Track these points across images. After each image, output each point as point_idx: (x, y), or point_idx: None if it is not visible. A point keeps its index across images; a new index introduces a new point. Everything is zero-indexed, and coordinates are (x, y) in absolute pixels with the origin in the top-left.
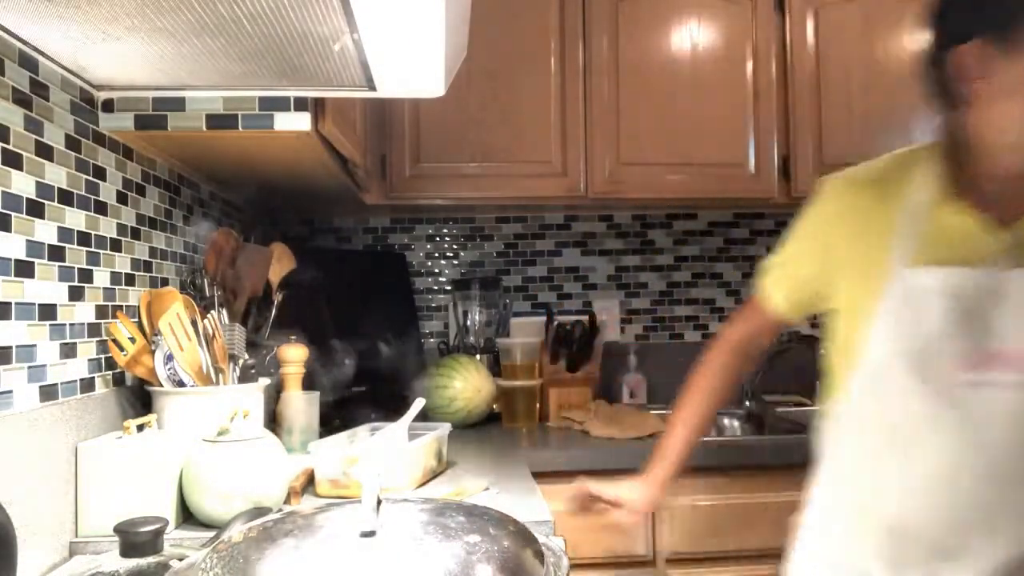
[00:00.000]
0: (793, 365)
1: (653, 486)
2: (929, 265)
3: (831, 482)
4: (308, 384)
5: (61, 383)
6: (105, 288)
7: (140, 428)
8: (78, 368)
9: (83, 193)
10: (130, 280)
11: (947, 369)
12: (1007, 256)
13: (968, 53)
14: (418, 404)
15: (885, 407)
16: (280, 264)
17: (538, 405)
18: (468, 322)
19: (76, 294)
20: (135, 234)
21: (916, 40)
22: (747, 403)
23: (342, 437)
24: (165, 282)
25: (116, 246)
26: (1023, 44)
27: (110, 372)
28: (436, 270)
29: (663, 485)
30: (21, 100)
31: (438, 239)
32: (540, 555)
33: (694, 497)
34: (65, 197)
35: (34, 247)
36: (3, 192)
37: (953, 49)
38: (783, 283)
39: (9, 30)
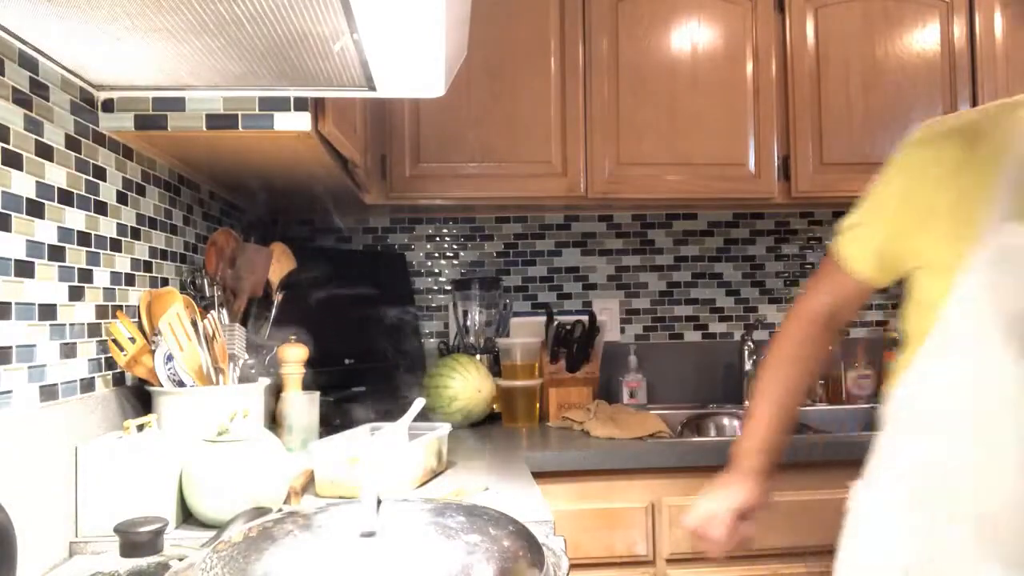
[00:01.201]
0: None
1: (753, 480)
2: None
3: (897, 472)
4: (308, 384)
5: (61, 383)
6: (105, 288)
7: (140, 428)
8: (78, 368)
9: (83, 193)
10: (130, 280)
11: None
12: None
13: None
14: (418, 404)
15: (973, 385)
16: (280, 264)
17: (538, 405)
18: (468, 322)
19: (76, 294)
20: (135, 234)
21: (916, 40)
22: (747, 403)
23: (342, 437)
24: (165, 282)
25: (116, 246)
26: None
27: (110, 372)
28: (436, 270)
29: (763, 475)
30: (21, 100)
31: (438, 239)
32: (540, 555)
33: (694, 497)
34: (65, 197)
35: (34, 247)
36: (3, 192)
37: None
38: (866, 242)
39: (9, 30)
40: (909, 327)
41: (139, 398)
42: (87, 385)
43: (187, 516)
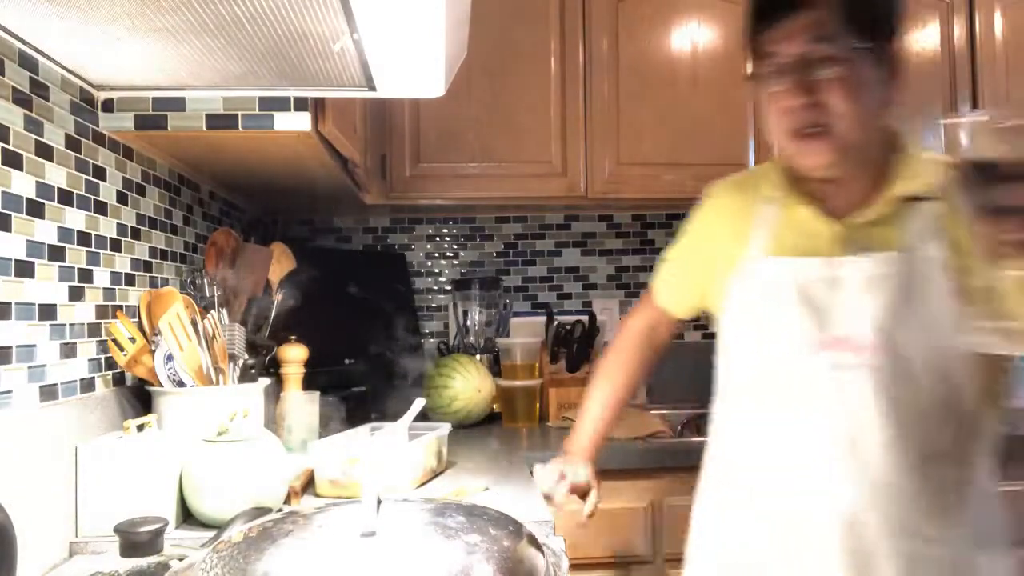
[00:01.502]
0: None
1: (590, 460)
2: (779, 255)
3: (716, 478)
4: (308, 384)
5: (61, 383)
6: (105, 288)
7: (140, 428)
8: (78, 368)
9: (83, 193)
10: (130, 280)
11: (799, 352)
12: (841, 246)
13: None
14: (418, 404)
15: (750, 394)
16: (280, 264)
17: (538, 405)
18: (468, 322)
19: (76, 294)
20: (135, 234)
21: (916, 40)
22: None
23: (342, 437)
24: (165, 282)
25: (116, 246)
26: (761, 80)
27: (110, 372)
28: (436, 270)
29: (593, 462)
30: (21, 100)
31: (438, 239)
32: (540, 555)
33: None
34: (65, 197)
35: (34, 247)
36: (3, 192)
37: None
38: (669, 280)
39: (9, 30)
40: (719, 360)
41: (139, 398)
42: (87, 385)
43: (187, 516)
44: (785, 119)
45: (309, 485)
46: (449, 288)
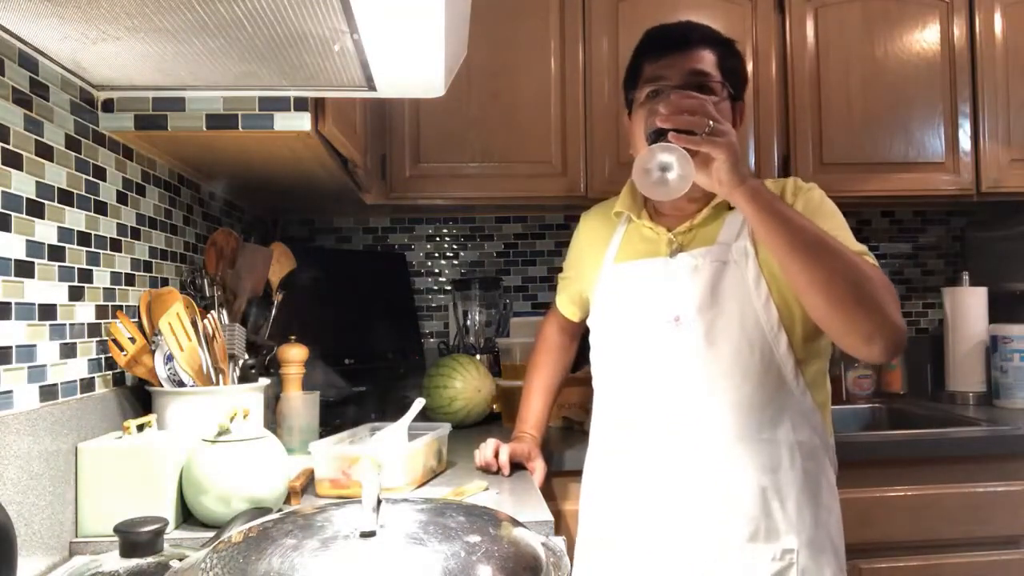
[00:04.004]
0: None
1: (536, 443)
2: (627, 260)
3: (596, 449)
4: (308, 384)
5: (61, 383)
6: (105, 288)
7: (140, 428)
8: (78, 368)
9: (83, 193)
10: (130, 280)
11: (646, 330)
12: (671, 248)
13: (624, 119)
14: (418, 404)
15: (615, 372)
16: (280, 264)
17: None
18: (468, 322)
19: (76, 294)
20: (135, 234)
21: (916, 40)
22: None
23: (342, 437)
24: (165, 282)
25: (116, 246)
26: (634, 113)
27: (110, 372)
28: (436, 270)
29: (536, 444)
30: (21, 100)
31: (438, 239)
32: (540, 555)
33: None
34: (65, 197)
35: (34, 247)
36: (3, 192)
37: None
38: (561, 291)
39: (9, 30)
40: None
41: (139, 398)
42: (87, 385)
43: (187, 516)
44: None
45: (309, 485)
46: (449, 288)
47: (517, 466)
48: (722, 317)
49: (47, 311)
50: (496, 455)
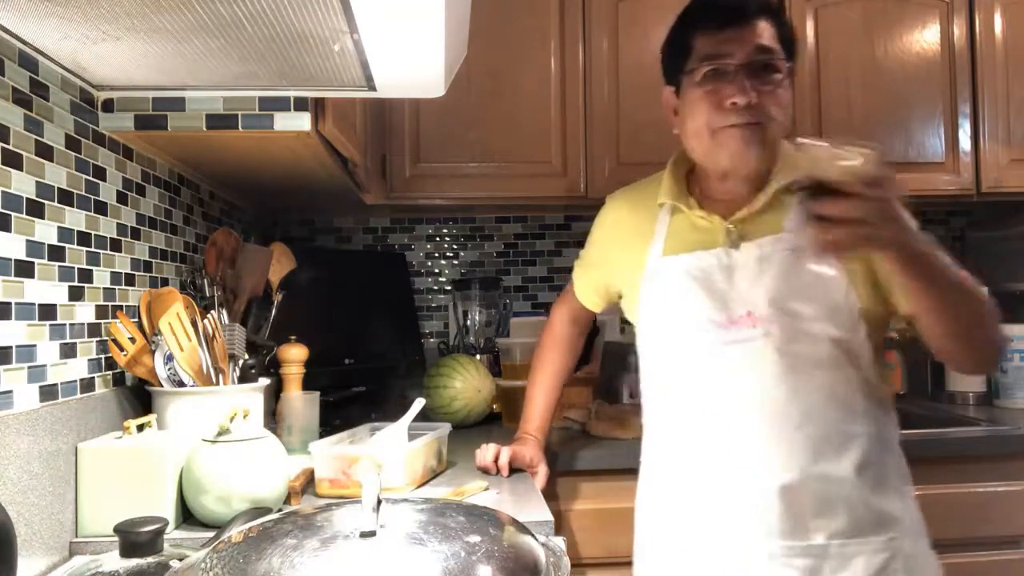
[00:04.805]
0: None
1: (539, 446)
2: (677, 253)
3: (655, 472)
4: (308, 384)
5: (61, 383)
6: (105, 288)
7: (140, 428)
8: (78, 368)
9: (83, 193)
10: (130, 280)
11: (706, 333)
12: (729, 238)
13: (667, 95)
14: (418, 404)
15: (668, 378)
16: (280, 264)
17: None
18: (468, 322)
19: (76, 294)
20: (135, 234)
21: (916, 40)
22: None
23: (342, 437)
24: (165, 282)
25: (116, 246)
26: (686, 91)
27: (110, 372)
28: (436, 270)
29: (540, 444)
30: (21, 100)
31: (438, 239)
32: (540, 555)
33: None
34: (65, 197)
35: (34, 247)
36: (3, 192)
37: (664, 88)
38: (582, 279)
39: (9, 30)
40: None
41: (139, 398)
42: (87, 385)
43: (187, 516)
44: (723, 114)
45: (309, 485)
46: (449, 288)
47: (518, 468)
48: (802, 311)
49: (47, 311)
50: (496, 459)
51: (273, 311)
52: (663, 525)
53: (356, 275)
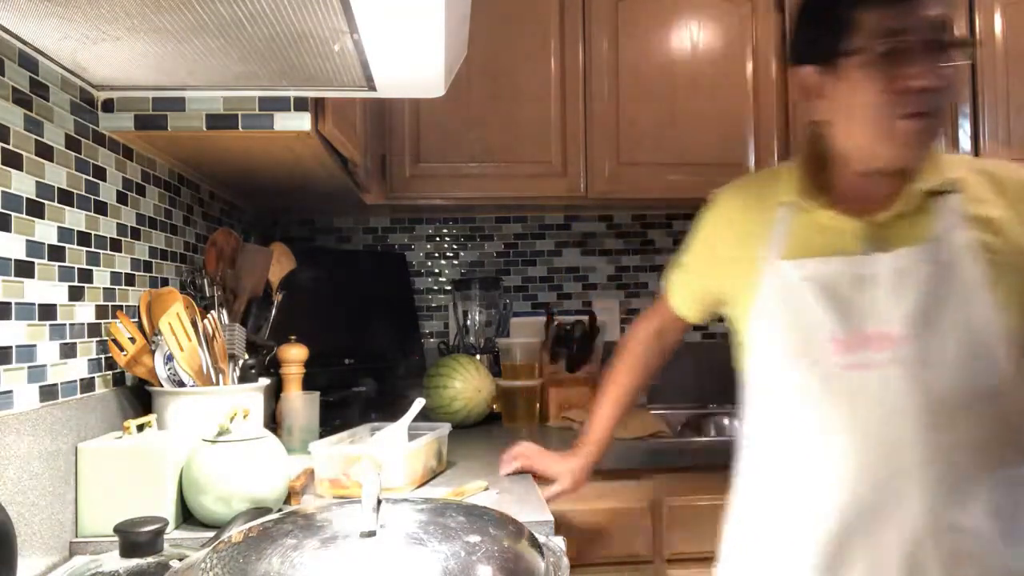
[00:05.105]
0: None
1: (585, 464)
2: (799, 257)
3: (748, 487)
4: (308, 384)
5: (61, 383)
6: (105, 288)
7: (140, 428)
8: (78, 368)
9: (83, 193)
10: (130, 280)
11: (826, 353)
12: (864, 244)
13: (808, 75)
14: (418, 404)
15: (777, 398)
16: (280, 264)
17: (538, 405)
18: (468, 322)
19: (76, 294)
20: (135, 234)
21: None
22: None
23: (342, 437)
24: (165, 282)
25: (116, 246)
26: (848, 72)
27: (110, 372)
28: (436, 270)
29: (592, 463)
30: (21, 100)
31: (438, 239)
32: (540, 555)
33: (694, 497)
34: (65, 197)
35: (34, 247)
36: (3, 192)
37: (795, 68)
38: (681, 286)
39: (9, 30)
40: (739, 367)
41: (139, 398)
42: (87, 385)
43: (187, 516)
44: (900, 101)
45: (309, 485)
46: (449, 288)
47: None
48: (942, 335)
49: (47, 311)
50: (515, 457)
51: (273, 311)
52: (759, 559)
53: (356, 275)
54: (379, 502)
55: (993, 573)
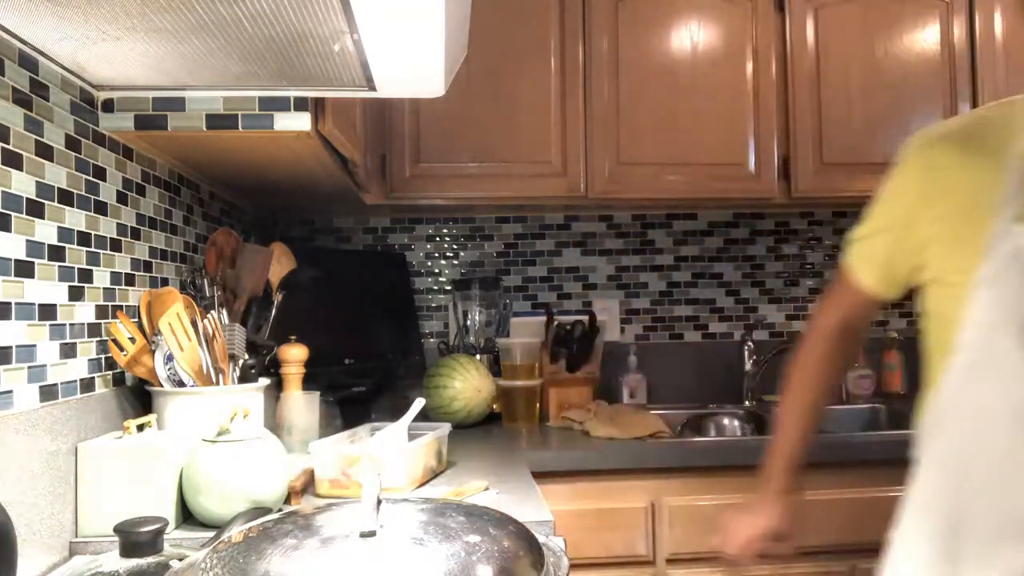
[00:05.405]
0: None
1: (780, 502)
2: None
3: (940, 487)
4: (308, 384)
5: (61, 383)
6: (105, 288)
7: (140, 428)
8: (78, 368)
9: (83, 193)
10: (130, 280)
11: None
12: None
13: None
14: (418, 404)
15: (997, 391)
16: (280, 264)
17: (538, 405)
18: (468, 322)
19: (76, 294)
20: (135, 234)
21: (916, 40)
22: (747, 403)
23: (342, 437)
24: (165, 282)
25: (116, 246)
26: None
27: (110, 372)
28: (436, 270)
29: (790, 494)
30: (21, 100)
31: (438, 239)
32: (540, 555)
33: (694, 497)
34: (65, 197)
35: (34, 247)
36: (3, 192)
37: None
38: (870, 256)
39: (9, 30)
40: (930, 343)
41: (139, 398)
42: (87, 385)
43: (187, 516)
44: None
45: (309, 485)
46: (449, 288)
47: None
48: None
49: (47, 311)
50: (746, 542)
51: (273, 311)
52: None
53: (356, 275)
54: (379, 502)
55: None
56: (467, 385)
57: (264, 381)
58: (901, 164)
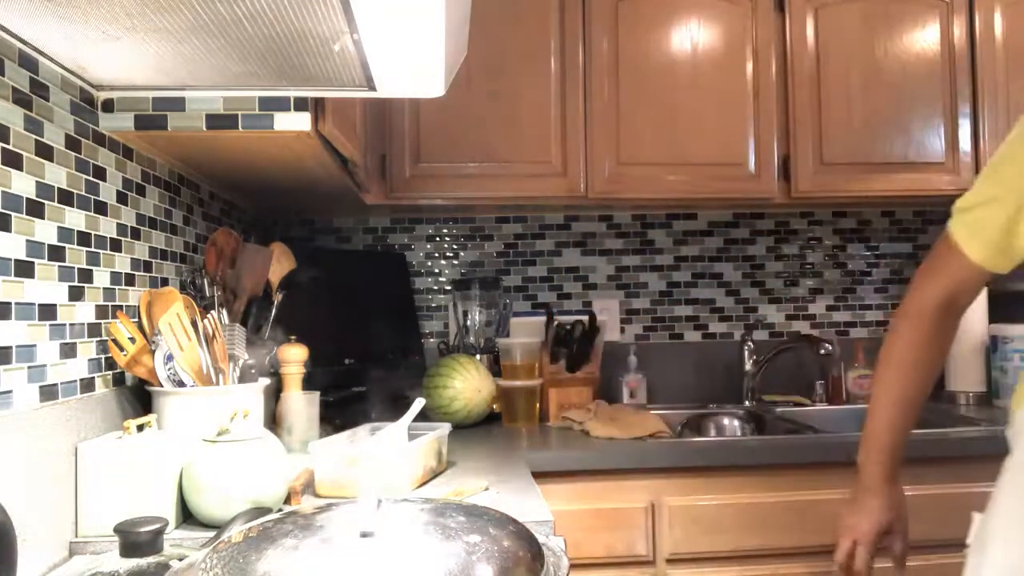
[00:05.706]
0: (793, 365)
1: (886, 490)
2: None
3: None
4: (308, 384)
5: (61, 383)
6: (105, 288)
7: (140, 428)
8: (78, 368)
9: (83, 193)
10: (130, 280)
11: None
12: None
13: None
14: (418, 404)
15: None
16: (280, 264)
17: (538, 405)
18: (468, 322)
19: (76, 294)
20: (135, 234)
21: (916, 40)
22: (747, 403)
23: (342, 437)
24: (165, 282)
25: (116, 246)
26: None
27: (110, 372)
28: (436, 270)
29: (892, 483)
30: (21, 100)
31: (438, 239)
32: (540, 555)
33: (694, 497)
34: (65, 197)
35: (34, 247)
36: (3, 192)
37: None
38: (982, 226)
39: (9, 30)
40: None
41: (139, 398)
42: (87, 385)
43: (187, 516)
44: None
45: (309, 485)
46: (449, 288)
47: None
48: None
49: (47, 311)
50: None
51: (273, 311)
52: None
53: (356, 275)
54: (379, 502)
55: None
56: (467, 385)
57: (264, 381)
58: (1021, 128)
